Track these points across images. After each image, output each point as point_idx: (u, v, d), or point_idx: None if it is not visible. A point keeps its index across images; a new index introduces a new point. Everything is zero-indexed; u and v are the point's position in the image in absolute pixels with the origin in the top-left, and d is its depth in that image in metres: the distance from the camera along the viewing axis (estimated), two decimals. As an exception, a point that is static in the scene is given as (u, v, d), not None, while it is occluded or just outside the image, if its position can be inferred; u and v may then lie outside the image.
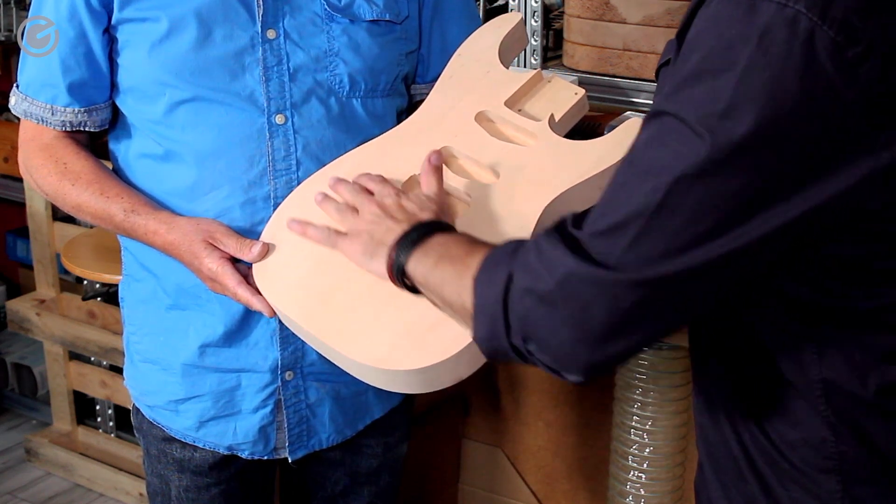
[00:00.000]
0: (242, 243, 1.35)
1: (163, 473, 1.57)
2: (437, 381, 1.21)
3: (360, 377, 1.24)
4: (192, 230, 1.37)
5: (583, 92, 1.46)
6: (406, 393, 1.26)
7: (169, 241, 1.38)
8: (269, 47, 1.39)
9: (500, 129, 1.40)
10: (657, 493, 1.96)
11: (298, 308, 1.27)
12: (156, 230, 1.39)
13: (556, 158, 1.34)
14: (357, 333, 1.22)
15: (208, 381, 1.48)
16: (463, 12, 1.58)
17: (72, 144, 1.46)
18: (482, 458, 2.47)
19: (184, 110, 1.39)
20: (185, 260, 1.38)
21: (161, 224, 1.39)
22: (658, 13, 1.92)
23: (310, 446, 1.54)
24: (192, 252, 1.36)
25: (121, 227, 1.42)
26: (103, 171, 1.45)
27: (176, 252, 1.38)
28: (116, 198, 1.41)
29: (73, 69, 1.41)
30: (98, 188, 1.42)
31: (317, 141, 1.42)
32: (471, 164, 1.36)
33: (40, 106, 1.44)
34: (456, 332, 1.17)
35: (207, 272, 1.36)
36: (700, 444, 1.12)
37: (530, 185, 1.31)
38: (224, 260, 1.35)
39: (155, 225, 1.39)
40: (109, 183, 1.43)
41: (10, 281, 3.60)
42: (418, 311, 1.19)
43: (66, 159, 1.44)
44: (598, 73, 2.01)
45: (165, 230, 1.38)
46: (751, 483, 1.03)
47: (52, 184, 1.45)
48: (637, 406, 1.92)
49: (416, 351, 1.18)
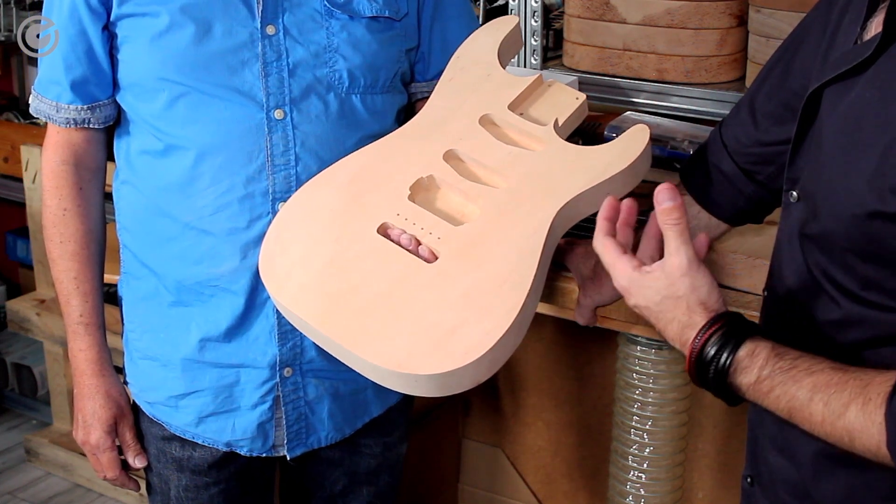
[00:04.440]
0: (136, 442, 1.55)
1: (162, 473, 1.58)
2: (456, 386, 1.20)
3: (375, 379, 1.23)
4: (115, 395, 1.52)
5: (584, 97, 1.46)
6: (419, 395, 1.25)
7: (88, 375, 1.51)
8: (268, 43, 1.40)
9: (505, 133, 1.39)
10: (657, 493, 1.96)
11: (311, 310, 1.26)
12: (87, 357, 1.51)
13: (564, 164, 1.34)
14: (374, 336, 1.21)
15: (208, 376, 1.48)
16: (463, 11, 1.58)
17: (82, 164, 1.50)
18: (482, 458, 2.47)
19: (183, 105, 1.39)
20: (81, 404, 1.52)
21: (95, 364, 1.52)
22: (658, 13, 1.92)
23: (308, 444, 1.54)
24: (94, 409, 1.51)
25: (66, 322, 1.52)
26: (93, 238, 1.52)
27: (83, 386, 1.51)
28: (83, 295, 1.51)
29: (74, 66, 1.42)
30: (77, 268, 1.50)
31: (315, 136, 1.42)
32: (478, 168, 1.35)
33: (48, 103, 1.46)
34: (478, 337, 1.16)
35: (95, 440, 1.52)
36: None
37: (540, 191, 1.31)
38: (115, 444, 1.53)
39: (92, 353, 1.51)
40: (88, 269, 1.51)
41: (10, 281, 3.61)
42: (437, 314, 1.19)
43: (68, 202, 1.49)
44: (598, 73, 2.01)
45: (94, 370, 1.51)
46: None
47: (48, 219, 1.51)
48: (637, 406, 1.92)
49: (437, 355, 1.17)
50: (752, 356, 1.03)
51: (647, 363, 1.89)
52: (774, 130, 1.27)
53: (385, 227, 1.29)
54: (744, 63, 1.96)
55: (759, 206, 1.36)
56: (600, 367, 2.23)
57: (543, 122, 1.39)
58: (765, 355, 1.03)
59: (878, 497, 1.05)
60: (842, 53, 1.09)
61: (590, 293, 1.44)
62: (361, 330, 1.21)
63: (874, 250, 1.01)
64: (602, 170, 1.31)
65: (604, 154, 1.34)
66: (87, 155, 1.50)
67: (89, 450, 1.54)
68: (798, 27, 1.26)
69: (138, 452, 1.56)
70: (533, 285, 1.21)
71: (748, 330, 1.05)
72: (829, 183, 1.06)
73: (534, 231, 1.26)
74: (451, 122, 1.40)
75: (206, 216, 1.41)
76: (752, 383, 1.03)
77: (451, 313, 1.18)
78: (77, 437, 1.55)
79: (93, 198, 1.52)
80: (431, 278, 1.24)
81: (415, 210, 1.30)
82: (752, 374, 1.03)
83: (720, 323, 1.05)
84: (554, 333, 2.27)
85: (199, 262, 1.44)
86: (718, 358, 1.04)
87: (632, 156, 1.33)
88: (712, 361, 1.04)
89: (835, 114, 1.07)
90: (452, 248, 1.26)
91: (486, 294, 1.21)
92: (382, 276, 1.24)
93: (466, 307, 1.20)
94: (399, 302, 1.21)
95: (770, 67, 1.29)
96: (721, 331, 1.04)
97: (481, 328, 1.18)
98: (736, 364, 1.03)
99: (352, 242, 1.29)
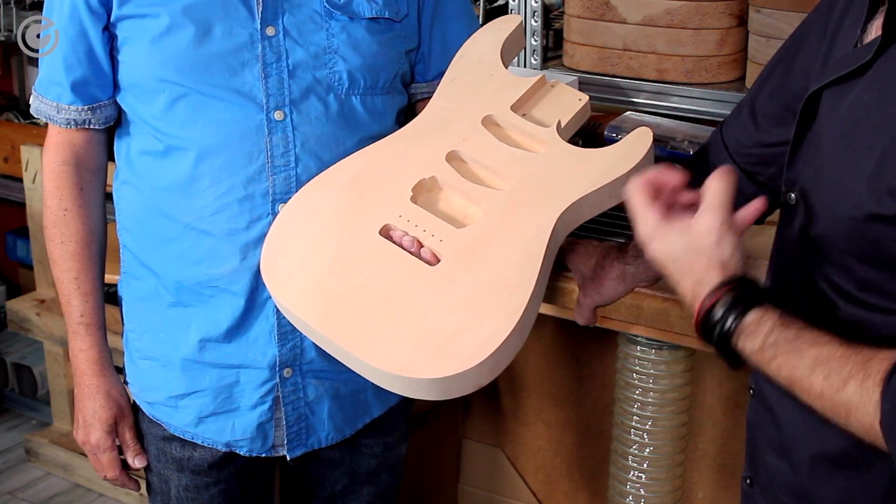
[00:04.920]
0: (136, 442, 1.55)
1: (162, 473, 1.58)
2: (457, 389, 1.19)
3: (376, 381, 1.22)
4: (116, 395, 1.53)
5: (587, 98, 1.46)
6: (421, 399, 1.25)
7: (88, 375, 1.51)
8: (268, 44, 1.40)
9: (507, 134, 1.39)
10: (657, 493, 1.96)
11: (312, 311, 1.25)
12: (87, 357, 1.51)
13: (566, 166, 1.33)
14: (375, 338, 1.20)
15: (208, 376, 1.48)
16: (463, 11, 1.58)
17: (83, 165, 1.50)
18: (482, 458, 2.47)
19: (183, 106, 1.39)
20: (82, 403, 1.52)
21: (96, 365, 1.52)
22: (658, 13, 1.92)
23: (309, 444, 1.54)
24: (95, 409, 1.51)
25: (67, 322, 1.52)
26: (94, 239, 1.52)
27: (84, 386, 1.52)
28: (83, 296, 1.51)
29: (74, 67, 1.43)
30: (78, 268, 1.50)
31: (315, 137, 1.42)
32: (480, 169, 1.35)
33: (48, 104, 1.47)
34: (480, 341, 1.16)
35: (95, 440, 1.52)
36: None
37: (542, 194, 1.31)
38: (115, 444, 1.53)
39: (92, 354, 1.52)
40: (89, 269, 1.51)
41: (10, 281, 3.60)
42: (439, 317, 1.18)
43: (69, 203, 1.49)
44: (598, 73, 2.02)
45: (94, 370, 1.51)
46: None
47: (49, 219, 1.51)
48: (637, 406, 1.92)
49: (439, 359, 1.16)
50: (759, 323, 1.02)
51: (647, 363, 1.89)
52: (775, 131, 1.27)
53: (387, 229, 1.29)
54: (744, 63, 1.96)
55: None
56: (600, 367, 2.23)
57: (546, 124, 1.39)
58: (771, 324, 1.02)
59: (873, 499, 1.05)
60: (842, 56, 1.09)
61: (590, 293, 1.45)
62: (362, 332, 1.21)
63: (872, 253, 1.01)
64: (605, 173, 1.31)
65: (607, 157, 1.34)
66: (87, 155, 1.50)
67: (89, 450, 1.55)
68: (799, 28, 1.26)
69: (138, 452, 1.56)
70: (535, 289, 1.21)
71: (760, 297, 1.04)
72: (827, 185, 1.06)
73: (536, 235, 1.26)
74: (453, 123, 1.39)
75: (205, 217, 1.42)
76: (756, 350, 1.02)
77: (453, 317, 1.17)
78: (77, 436, 1.55)
79: (93, 198, 1.52)
80: (433, 281, 1.23)
81: (417, 212, 1.30)
82: (756, 341, 1.02)
83: (733, 285, 1.04)
84: (554, 333, 2.27)
85: (198, 262, 1.44)
86: (725, 320, 1.03)
87: (635, 159, 1.32)
88: (718, 323, 1.04)
89: (834, 116, 1.07)
90: (454, 250, 1.25)
91: (489, 298, 1.20)
92: (384, 278, 1.24)
93: (468, 311, 1.20)
94: (401, 304, 1.21)
95: (771, 68, 1.29)
96: (733, 293, 1.04)
97: (483, 332, 1.18)
98: (742, 329, 1.03)
99: (353, 244, 1.28)
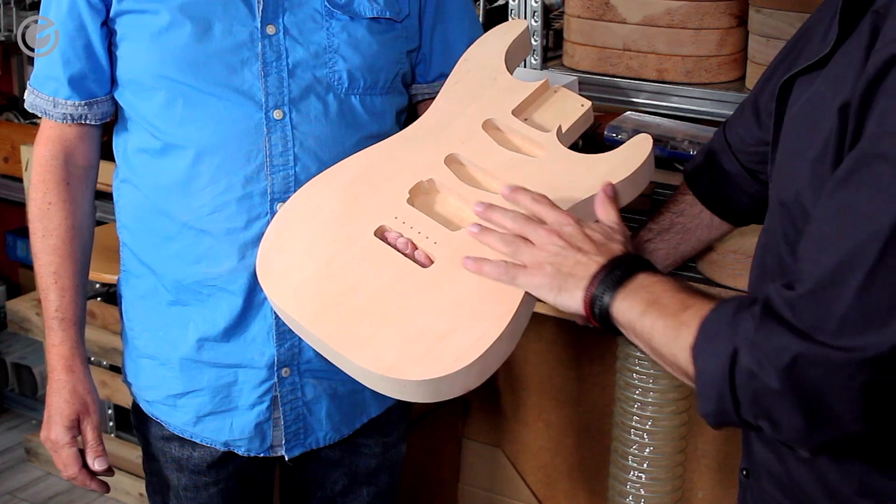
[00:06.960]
0: (98, 442, 1.49)
1: (162, 472, 1.58)
2: (445, 392, 1.19)
3: (366, 383, 1.22)
4: (82, 392, 1.49)
5: (589, 104, 1.45)
6: (410, 401, 1.24)
7: (58, 371, 1.48)
8: (268, 43, 1.40)
9: (507, 138, 1.39)
10: (657, 493, 1.96)
11: (304, 311, 1.25)
12: (59, 352, 1.49)
13: (564, 171, 1.33)
14: (365, 339, 1.20)
15: (206, 375, 1.48)
16: (465, 12, 1.58)
17: (72, 160, 1.49)
18: (482, 458, 2.47)
19: (181, 104, 1.39)
20: (49, 399, 1.48)
21: (66, 360, 1.48)
22: (658, 13, 1.92)
23: (307, 444, 1.54)
24: (58, 404, 1.47)
25: (44, 316, 1.50)
26: (77, 235, 1.50)
27: (52, 381, 1.48)
28: (60, 290, 1.48)
29: (72, 62, 1.42)
30: (57, 262, 1.48)
31: (314, 137, 1.42)
32: (478, 173, 1.35)
33: (44, 98, 1.46)
34: (467, 344, 1.15)
35: (55, 436, 1.47)
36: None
37: None
38: (75, 441, 1.48)
39: (64, 349, 1.49)
40: (69, 264, 1.49)
41: (10, 281, 3.60)
42: (428, 320, 1.18)
43: (53, 196, 1.48)
44: (598, 73, 2.01)
45: (64, 365, 1.48)
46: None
47: (33, 212, 1.50)
48: (637, 406, 1.92)
49: (426, 361, 1.16)
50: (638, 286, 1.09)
51: (647, 363, 1.89)
52: None
53: (382, 230, 1.29)
54: (744, 63, 1.96)
55: (763, 205, 1.37)
56: (600, 367, 2.23)
57: (547, 128, 1.39)
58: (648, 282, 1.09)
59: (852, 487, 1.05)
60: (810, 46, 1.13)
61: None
62: (352, 333, 1.21)
63: (794, 239, 1.03)
64: (602, 178, 1.30)
65: (605, 163, 1.33)
66: (77, 151, 1.49)
67: (50, 446, 1.49)
68: (802, 27, 1.27)
69: (98, 454, 1.49)
70: (526, 294, 1.20)
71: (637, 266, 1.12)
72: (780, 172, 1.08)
73: None
74: (454, 126, 1.39)
75: (204, 216, 1.41)
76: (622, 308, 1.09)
77: (443, 319, 1.17)
78: (41, 433, 1.51)
79: (81, 194, 1.51)
80: (425, 283, 1.23)
81: (413, 214, 1.30)
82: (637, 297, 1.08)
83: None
84: (554, 333, 2.27)
85: (197, 261, 1.44)
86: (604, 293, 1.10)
87: (633, 165, 1.32)
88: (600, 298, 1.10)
89: (795, 105, 1.10)
90: (448, 253, 1.25)
91: (479, 301, 1.20)
92: (377, 279, 1.23)
93: (458, 313, 1.19)
94: (392, 306, 1.21)
95: (773, 67, 1.30)
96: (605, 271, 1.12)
97: (472, 335, 1.17)
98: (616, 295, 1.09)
99: (349, 244, 1.28)
